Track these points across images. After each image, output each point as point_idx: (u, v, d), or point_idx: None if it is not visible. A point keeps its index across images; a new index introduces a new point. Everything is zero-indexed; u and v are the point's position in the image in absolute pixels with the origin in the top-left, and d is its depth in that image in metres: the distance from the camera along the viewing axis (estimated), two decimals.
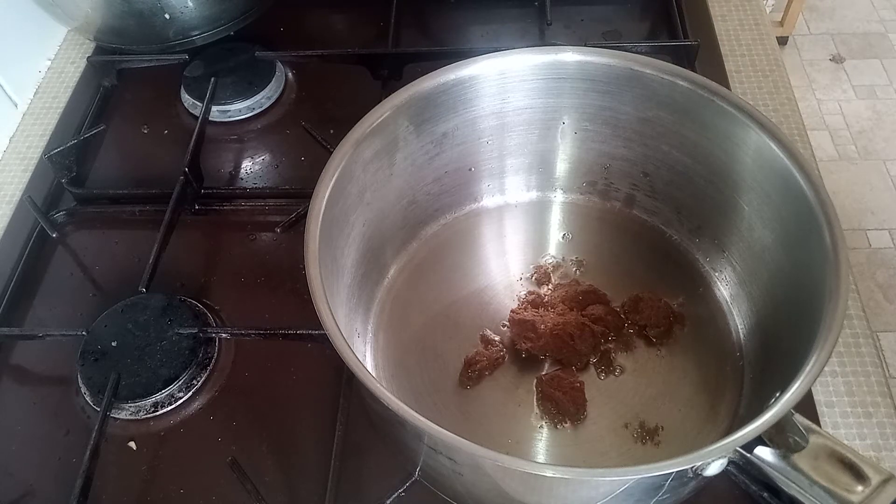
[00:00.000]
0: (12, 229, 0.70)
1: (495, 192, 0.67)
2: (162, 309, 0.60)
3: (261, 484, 0.52)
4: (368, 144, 0.55)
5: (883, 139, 1.88)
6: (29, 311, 0.64)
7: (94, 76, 0.82)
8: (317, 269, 0.46)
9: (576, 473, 0.40)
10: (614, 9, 0.86)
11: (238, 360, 0.60)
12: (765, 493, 0.50)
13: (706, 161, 0.58)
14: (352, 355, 0.43)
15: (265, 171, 0.73)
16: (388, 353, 0.59)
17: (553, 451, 0.54)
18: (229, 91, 0.77)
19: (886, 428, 0.55)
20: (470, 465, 0.44)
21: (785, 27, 2.02)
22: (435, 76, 0.56)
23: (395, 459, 0.54)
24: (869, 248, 1.67)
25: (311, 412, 0.57)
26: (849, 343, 0.59)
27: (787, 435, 0.40)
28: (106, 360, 0.58)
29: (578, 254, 0.64)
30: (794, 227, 0.51)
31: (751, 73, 0.78)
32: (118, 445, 0.56)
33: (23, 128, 0.79)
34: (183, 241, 0.67)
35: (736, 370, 0.56)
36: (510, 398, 0.56)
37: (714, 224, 0.60)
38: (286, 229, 0.68)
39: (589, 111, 0.60)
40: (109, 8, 0.75)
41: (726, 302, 0.60)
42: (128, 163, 0.76)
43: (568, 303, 0.59)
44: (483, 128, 0.61)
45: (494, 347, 0.58)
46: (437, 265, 0.64)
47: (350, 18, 0.89)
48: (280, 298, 0.63)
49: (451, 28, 0.86)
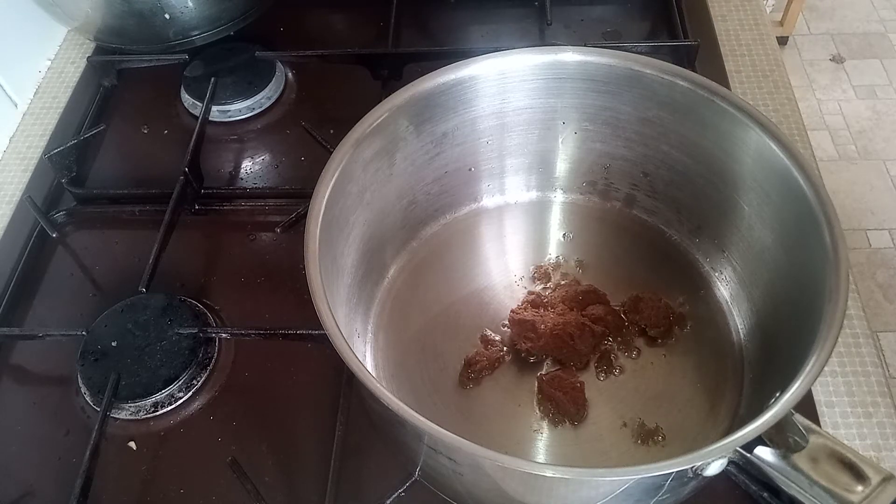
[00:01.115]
0: (12, 229, 0.70)
1: (495, 192, 0.67)
2: (162, 309, 0.60)
3: (261, 484, 0.52)
4: (368, 144, 0.55)
5: (883, 139, 1.89)
6: (29, 311, 0.64)
7: (94, 76, 0.82)
8: (317, 269, 0.46)
9: (576, 473, 0.40)
10: (614, 9, 0.86)
11: (238, 360, 0.60)
12: (765, 493, 0.50)
13: (706, 161, 0.58)
14: (352, 355, 0.43)
15: (265, 171, 0.73)
16: (388, 353, 0.59)
17: (553, 451, 0.54)
18: (229, 91, 0.77)
19: (886, 428, 0.55)
20: (470, 465, 0.44)
21: (785, 27, 2.02)
22: (435, 76, 0.56)
23: (395, 459, 0.54)
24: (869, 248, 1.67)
25: (311, 412, 0.57)
26: (849, 343, 0.59)
27: (787, 435, 0.40)
28: (106, 360, 0.58)
29: (578, 254, 0.64)
30: (794, 227, 0.51)
31: (751, 73, 0.78)
32: (118, 445, 0.56)
33: (23, 128, 0.79)
34: (183, 241, 0.67)
35: (736, 370, 0.56)
36: (510, 398, 0.56)
37: (714, 224, 0.60)
38: (286, 229, 0.68)
39: (589, 111, 0.60)
40: (109, 8, 0.75)
41: (726, 302, 0.60)
42: (128, 163, 0.76)
43: (568, 303, 0.59)
44: (483, 128, 0.61)
45: (494, 347, 0.58)
46: (437, 265, 0.64)
47: (350, 18, 0.89)
48: (280, 298, 0.63)
49: (451, 28, 0.86)
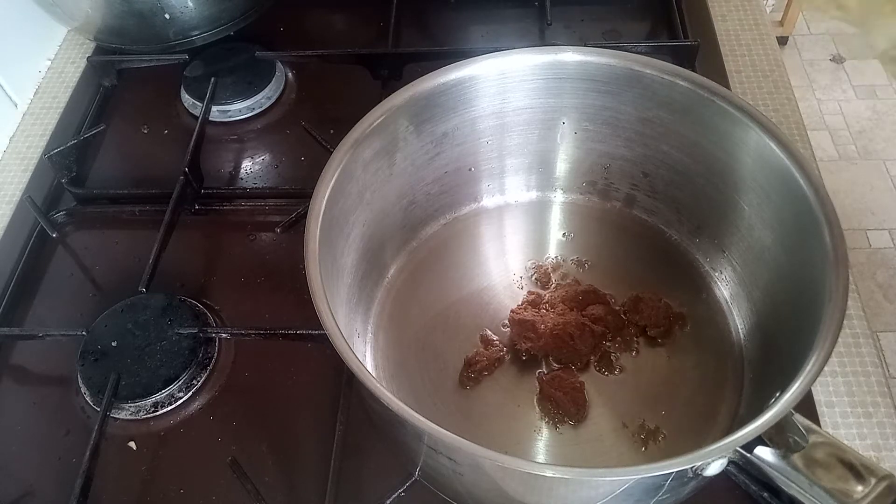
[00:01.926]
0: (12, 229, 0.70)
1: (495, 192, 0.67)
2: (162, 309, 0.60)
3: (261, 484, 0.52)
4: (368, 144, 0.55)
5: (883, 139, 1.88)
6: (29, 311, 0.64)
7: (94, 76, 0.82)
8: (317, 269, 0.46)
9: (576, 473, 0.40)
10: (614, 9, 0.86)
11: (238, 360, 0.60)
12: (765, 493, 0.50)
13: (706, 161, 0.58)
14: (352, 355, 0.43)
15: (265, 171, 0.73)
16: (388, 353, 0.59)
17: (553, 451, 0.54)
18: (229, 91, 0.77)
19: (886, 428, 0.55)
20: (470, 465, 0.44)
21: (785, 27, 2.02)
22: (435, 76, 0.56)
23: (395, 459, 0.54)
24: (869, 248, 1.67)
25: (311, 412, 0.57)
26: (849, 343, 0.59)
27: (787, 435, 0.40)
28: (106, 360, 0.58)
29: (578, 254, 0.64)
30: (794, 227, 0.51)
31: (751, 73, 0.78)
32: (118, 445, 0.56)
33: (23, 128, 0.79)
34: (183, 241, 0.67)
35: (736, 370, 0.56)
36: (510, 398, 0.56)
37: (714, 224, 0.60)
38: (286, 229, 0.68)
39: (589, 111, 0.60)
40: (109, 8, 0.75)
41: (726, 302, 0.60)
42: (128, 163, 0.76)
43: (568, 303, 0.59)
44: (483, 128, 0.61)
45: (494, 347, 0.58)
46: (437, 265, 0.64)
47: (350, 18, 0.89)
48: (280, 298, 0.63)
49: (451, 28, 0.86)
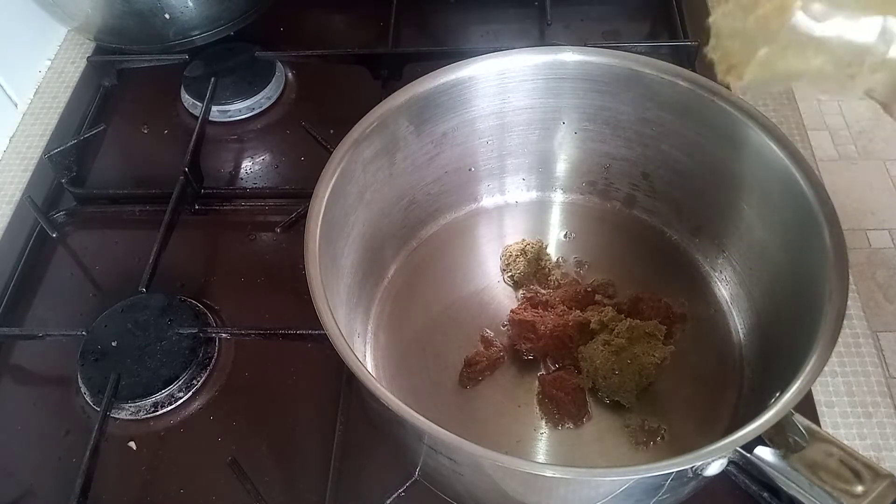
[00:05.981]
0: (12, 229, 0.70)
1: (495, 192, 0.67)
2: (162, 309, 0.60)
3: (261, 484, 0.52)
4: (368, 144, 0.55)
5: (883, 139, 1.88)
6: (29, 311, 0.64)
7: (94, 76, 0.82)
8: (317, 269, 0.46)
9: (576, 473, 0.40)
10: (614, 9, 0.86)
11: (238, 360, 0.60)
12: (765, 493, 0.50)
13: (706, 161, 0.58)
14: (352, 355, 0.43)
15: (265, 171, 0.73)
16: (388, 353, 0.59)
17: (553, 451, 0.54)
18: (229, 91, 0.77)
19: (886, 428, 0.55)
20: (470, 465, 0.44)
21: None
22: (435, 76, 0.56)
23: (395, 459, 0.53)
24: (869, 248, 1.67)
25: (311, 412, 0.57)
26: (849, 343, 0.59)
27: (787, 435, 0.40)
28: (106, 360, 0.58)
29: (578, 254, 0.64)
30: (794, 227, 0.51)
31: None
32: (118, 445, 0.56)
33: (23, 128, 0.79)
34: (183, 241, 0.67)
35: (736, 370, 0.56)
36: (510, 398, 0.56)
37: (714, 224, 0.60)
38: (286, 229, 0.68)
39: (589, 111, 0.60)
40: (109, 8, 0.75)
41: (726, 302, 0.60)
42: (128, 163, 0.76)
43: (568, 303, 0.59)
44: (483, 128, 0.61)
45: (494, 347, 0.58)
46: (437, 265, 0.64)
47: (350, 18, 0.89)
48: (280, 298, 0.63)
49: (451, 28, 0.86)
